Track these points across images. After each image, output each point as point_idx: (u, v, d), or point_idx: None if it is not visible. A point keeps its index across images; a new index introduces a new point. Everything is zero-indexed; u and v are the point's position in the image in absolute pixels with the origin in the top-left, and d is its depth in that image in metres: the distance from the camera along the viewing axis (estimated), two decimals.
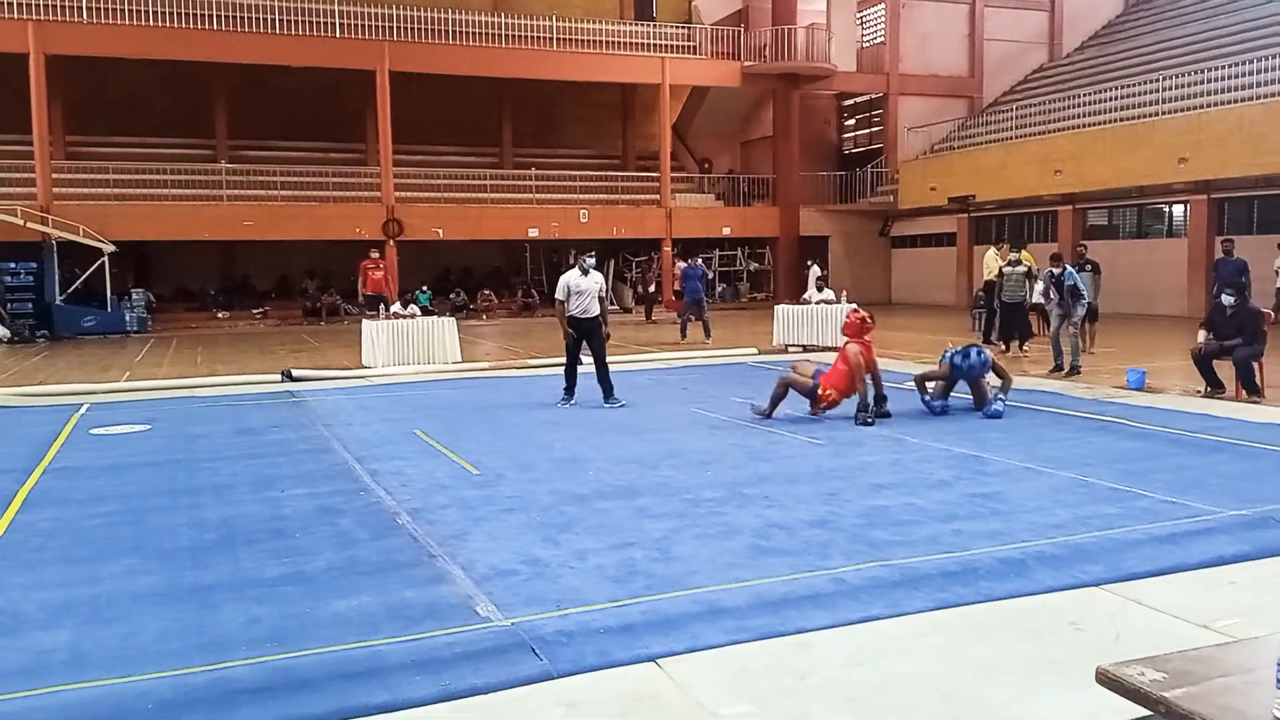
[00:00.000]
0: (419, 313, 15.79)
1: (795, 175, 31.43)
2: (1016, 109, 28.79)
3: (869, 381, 9.29)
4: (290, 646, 4.04)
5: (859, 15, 33.39)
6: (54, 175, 24.22)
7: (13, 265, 22.86)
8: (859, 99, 34.66)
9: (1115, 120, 24.62)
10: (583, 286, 10.53)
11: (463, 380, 13.45)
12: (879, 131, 33.97)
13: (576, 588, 4.65)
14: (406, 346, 14.77)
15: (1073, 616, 4.22)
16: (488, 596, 4.54)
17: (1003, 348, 14.74)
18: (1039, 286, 14.38)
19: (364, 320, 15.56)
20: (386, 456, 7.94)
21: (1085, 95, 26.62)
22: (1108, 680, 1.93)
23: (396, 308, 15.87)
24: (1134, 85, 25.13)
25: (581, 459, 7.72)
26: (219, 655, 3.95)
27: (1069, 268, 12.48)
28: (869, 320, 9.62)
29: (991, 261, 16.64)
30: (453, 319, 15.75)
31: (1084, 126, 25.55)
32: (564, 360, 10.95)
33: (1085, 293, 12.55)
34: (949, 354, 9.84)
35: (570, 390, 10.77)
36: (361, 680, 3.71)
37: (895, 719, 3.40)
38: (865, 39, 33.77)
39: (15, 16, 23.12)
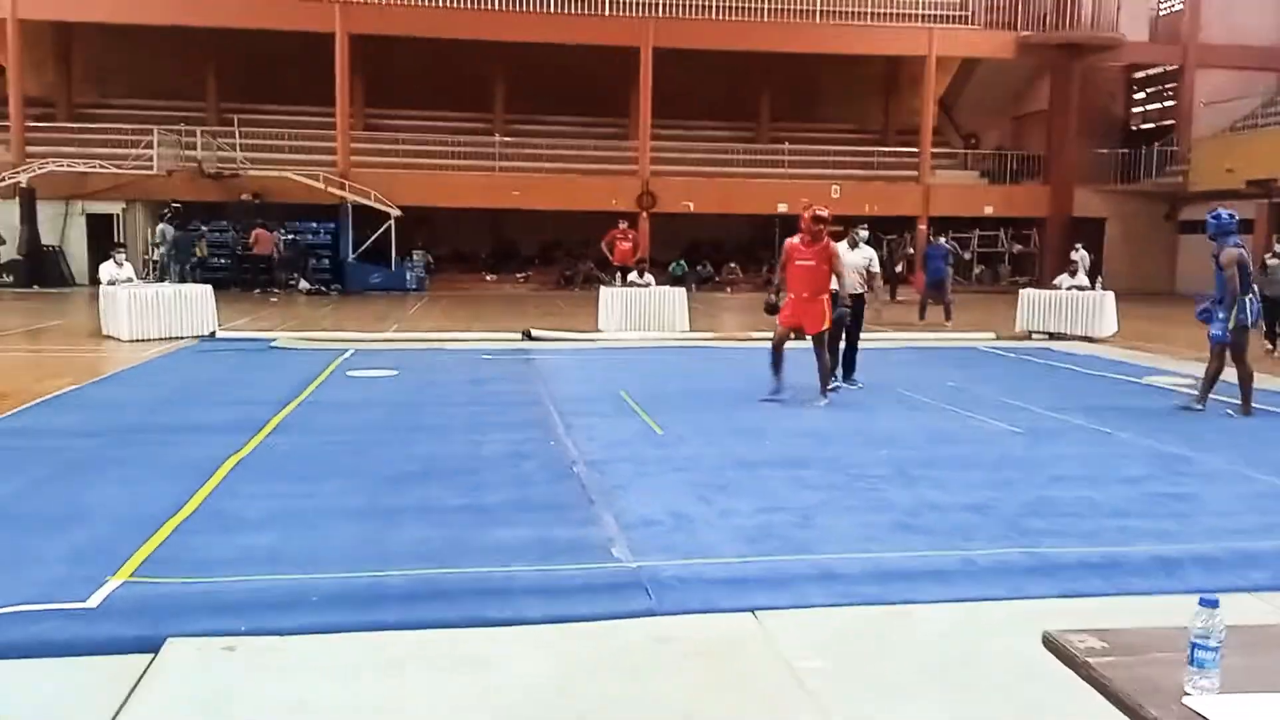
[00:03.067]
0: (653, 282, 16.37)
1: (1070, 152, 29.48)
2: None
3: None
4: (445, 564, 4.58)
5: None
6: (352, 145, 26.89)
7: (314, 225, 25.72)
8: (1150, 71, 31.95)
9: None
10: (849, 260, 9.84)
11: (686, 348, 13.89)
12: (1171, 107, 31.18)
13: (710, 542, 4.92)
14: (638, 313, 15.42)
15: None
16: (626, 541, 4.90)
17: (1269, 347, 13.38)
18: None
19: (602, 287, 16.35)
20: (585, 412, 8.48)
21: None
22: (1051, 645, 1.99)
23: (633, 276, 16.54)
24: None
25: (765, 428, 7.91)
26: (384, 565, 4.54)
27: None
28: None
29: None
30: (683, 289, 16.25)
31: None
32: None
33: None
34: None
35: (833, 373, 9.79)
36: (491, 598, 4.18)
37: (970, 691, 3.45)
38: (1161, 5, 31.03)
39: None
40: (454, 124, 29.69)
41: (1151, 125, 32.36)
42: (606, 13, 27.14)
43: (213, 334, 13.90)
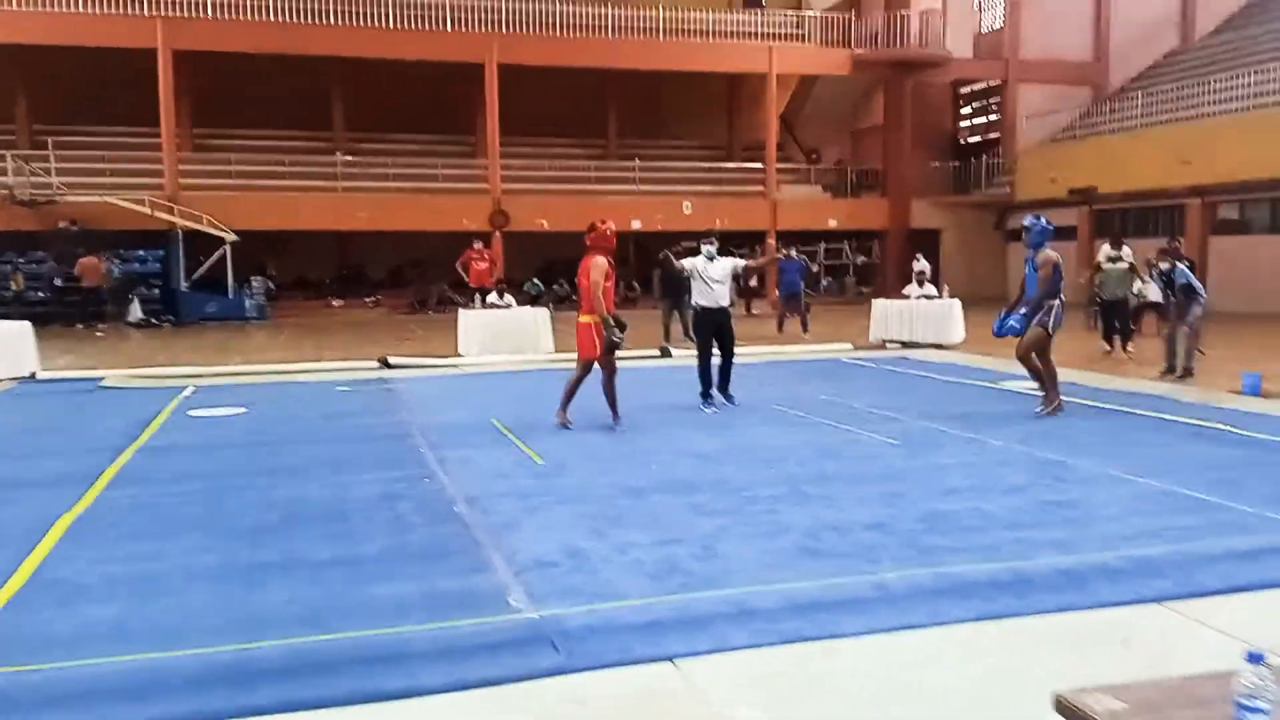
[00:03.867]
0: (513, 302, 15.98)
1: (906, 166, 30.68)
2: (1144, 96, 27.43)
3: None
4: (322, 629, 4.10)
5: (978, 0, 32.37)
6: (181, 167, 25.39)
7: (141, 253, 24.11)
8: (976, 86, 33.60)
9: (1251, 108, 23.22)
10: (712, 273, 9.70)
11: (553, 370, 13.51)
12: (997, 120, 32.85)
13: (612, 582, 4.61)
14: (500, 335, 14.98)
15: (1125, 633, 3.97)
16: (522, 587, 4.54)
17: (1106, 348, 14.07)
18: (1138, 284, 13.77)
19: (460, 310, 15.84)
20: (458, 444, 8.04)
21: (1219, 82, 25.17)
22: (1064, 708, 1.78)
23: (492, 297, 16.10)
24: (1272, 71, 23.64)
25: (647, 452, 7.67)
26: (252, 634, 4.04)
27: (1179, 264, 11.81)
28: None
29: None
30: (545, 310, 15.91)
31: (1216, 114, 24.19)
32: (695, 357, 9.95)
33: (1200, 290, 11.85)
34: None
35: (708, 392, 9.81)
36: (382, 666, 3.74)
37: None
38: (984, 24, 32.72)
39: (145, 14, 24.31)
40: (292, 143, 28.53)
41: (979, 139, 34.01)
42: (449, 28, 26.58)
43: (33, 375, 12.70)
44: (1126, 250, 15.05)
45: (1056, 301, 9.13)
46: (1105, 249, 15.64)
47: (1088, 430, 8.47)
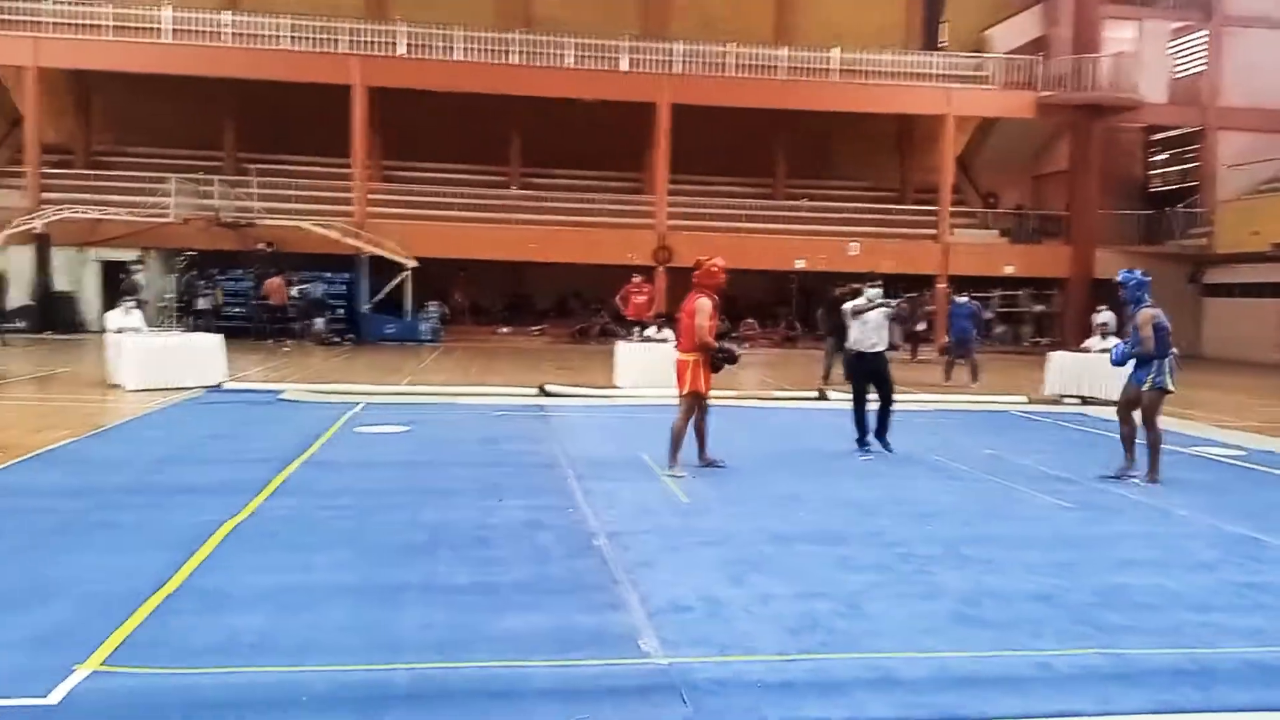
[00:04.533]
0: (671, 337, 15.93)
1: (1092, 213, 29.14)
2: None
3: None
4: (452, 656, 4.08)
5: (1173, 44, 30.61)
6: (369, 196, 26.73)
7: (328, 275, 25.52)
8: (1170, 133, 31.71)
9: None
10: (871, 317, 9.63)
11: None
12: (1193, 169, 30.88)
13: (748, 634, 4.41)
14: (656, 369, 14.92)
15: None
16: (655, 631, 4.40)
17: None
18: None
19: (619, 342, 15.94)
20: (604, 476, 8.00)
21: None
22: None
23: (650, 331, 16.13)
24: None
25: (797, 497, 7.41)
26: (384, 657, 4.06)
27: None
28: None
29: None
30: None
31: None
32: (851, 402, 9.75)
33: None
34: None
35: (864, 438, 9.63)
36: (504, 701, 3.68)
37: None
38: (1180, 69, 30.89)
39: (344, 52, 25.86)
40: (471, 176, 29.62)
41: (1171, 187, 32.06)
42: (624, 69, 27.11)
43: (220, 385, 13.50)
44: None
45: (1162, 361, 8.37)
46: None
47: None
